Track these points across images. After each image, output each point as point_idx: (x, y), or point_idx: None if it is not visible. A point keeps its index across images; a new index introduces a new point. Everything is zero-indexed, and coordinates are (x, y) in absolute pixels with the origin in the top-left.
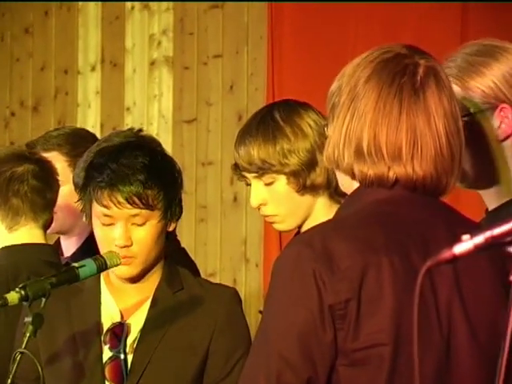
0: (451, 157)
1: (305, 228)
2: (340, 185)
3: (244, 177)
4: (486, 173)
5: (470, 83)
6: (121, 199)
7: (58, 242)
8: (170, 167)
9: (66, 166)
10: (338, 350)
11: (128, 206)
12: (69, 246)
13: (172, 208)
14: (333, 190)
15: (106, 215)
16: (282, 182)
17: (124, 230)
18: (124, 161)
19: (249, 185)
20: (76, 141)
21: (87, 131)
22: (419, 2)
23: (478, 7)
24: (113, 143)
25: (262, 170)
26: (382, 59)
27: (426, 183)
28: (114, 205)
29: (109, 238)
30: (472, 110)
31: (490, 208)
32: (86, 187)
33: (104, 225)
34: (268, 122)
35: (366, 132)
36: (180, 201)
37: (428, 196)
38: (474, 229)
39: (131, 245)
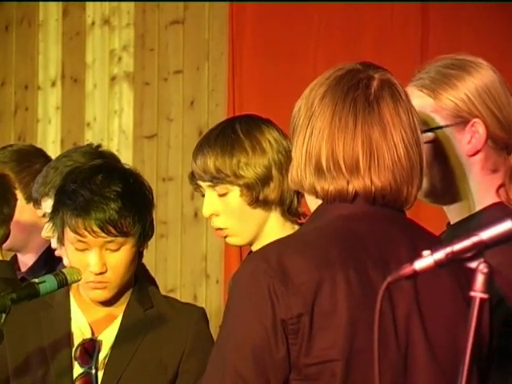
0: (410, 167)
1: (256, 245)
2: (309, 207)
3: (199, 186)
4: (452, 188)
5: (442, 95)
6: (95, 228)
7: (15, 257)
8: (143, 189)
9: (12, 178)
10: (292, 365)
11: (103, 234)
12: (27, 260)
13: (145, 231)
14: (286, 208)
15: (80, 242)
16: (235, 194)
17: (99, 257)
18: (97, 188)
19: (203, 195)
20: (20, 157)
21: (33, 147)
22: (379, 3)
23: (438, 10)
24: (74, 165)
25: (217, 179)
26: (335, 76)
27: (386, 194)
28: (89, 233)
29: (83, 264)
30: (443, 123)
31: (452, 222)
32: (57, 212)
33: (78, 250)
34: (228, 133)
35: (323, 148)
36: (152, 220)
37: (389, 208)
38: (434, 243)
39: (106, 271)
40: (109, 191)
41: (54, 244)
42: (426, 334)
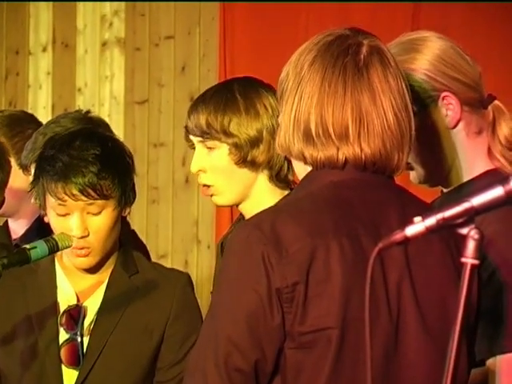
0: (400, 133)
1: (245, 207)
2: (296, 173)
3: (191, 141)
4: (447, 166)
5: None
6: (75, 191)
7: (6, 224)
8: (122, 153)
9: (5, 145)
10: (286, 333)
11: (83, 197)
12: (17, 228)
13: (126, 194)
14: (274, 174)
15: (60, 206)
16: (223, 151)
17: (80, 220)
18: (75, 153)
19: (193, 146)
20: (12, 123)
21: (24, 112)
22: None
23: (429, 11)
24: (62, 131)
25: (207, 134)
26: (325, 42)
27: (376, 161)
28: (69, 197)
29: (65, 229)
30: (416, 109)
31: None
32: (38, 179)
33: (59, 215)
34: (224, 92)
35: (312, 114)
36: (133, 185)
37: (379, 175)
38: (425, 209)
39: (88, 235)
40: (87, 155)
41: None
42: (417, 301)
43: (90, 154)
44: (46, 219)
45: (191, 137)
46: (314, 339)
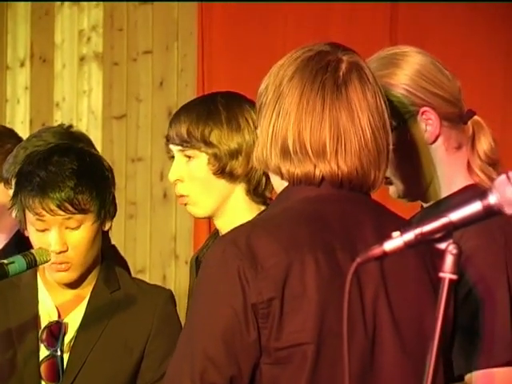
0: (377, 150)
1: (221, 221)
2: (274, 187)
3: (171, 151)
4: (426, 181)
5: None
6: (52, 206)
7: None
8: (100, 167)
9: None
10: (262, 349)
11: (60, 212)
12: None
13: (106, 208)
14: (252, 188)
15: (39, 221)
16: (202, 161)
17: (58, 235)
18: (52, 168)
19: (173, 157)
20: None
21: (4, 127)
22: (348, 3)
23: (407, 11)
24: (44, 145)
25: (187, 143)
26: (304, 57)
27: (352, 179)
28: (47, 212)
29: (44, 244)
30: (395, 124)
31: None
32: (17, 195)
33: (38, 230)
34: (208, 103)
35: (290, 130)
36: (113, 199)
37: (355, 192)
38: (401, 225)
39: (67, 250)
40: (64, 169)
41: None
42: (393, 316)
43: (67, 169)
44: (26, 233)
45: (171, 146)
46: (290, 355)
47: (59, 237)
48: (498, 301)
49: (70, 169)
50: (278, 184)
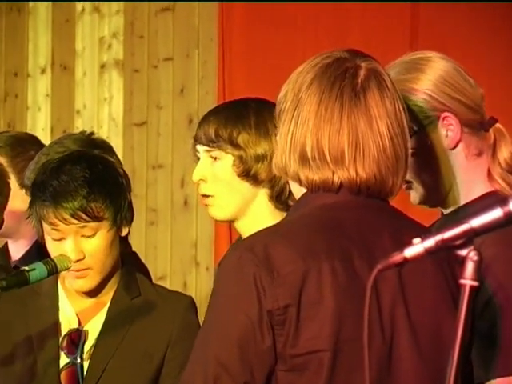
0: (396, 157)
1: (242, 225)
2: (293, 193)
3: (197, 152)
4: (446, 187)
5: (406, 103)
6: (66, 216)
7: (5, 246)
8: (113, 174)
9: (5, 167)
10: (278, 356)
11: (74, 221)
12: (17, 250)
13: (121, 214)
14: (275, 194)
15: (54, 230)
16: (227, 162)
17: (74, 244)
18: (64, 177)
19: (198, 159)
20: (16, 143)
21: (28, 134)
22: (368, 3)
23: (428, 11)
24: (65, 151)
25: (213, 143)
26: (323, 64)
27: (370, 185)
28: (61, 222)
29: (61, 253)
30: (416, 128)
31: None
32: (32, 206)
33: (54, 240)
34: (238, 107)
35: (309, 137)
36: (130, 204)
37: (373, 199)
38: (420, 232)
39: (84, 258)
40: (76, 178)
41: None
42: (410, 323)
43: (79, 177)
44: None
45: (197, 146)
46: (306, 361)
47: (75, 245)
48: None
49: (82, 177)
50: (297, 191)
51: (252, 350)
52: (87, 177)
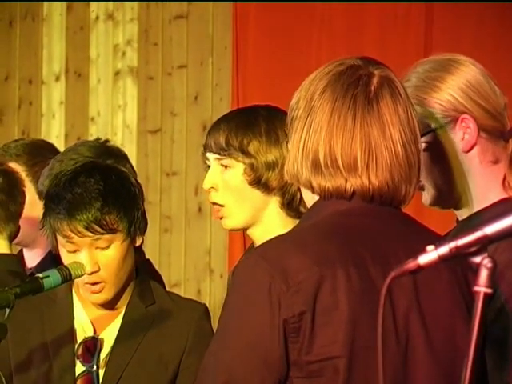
0: (408, 165)
1: (255, 233)
2: (305, 200)
3: (207, 160)
4: (458, 188)
5: (427, 100)
6: (80, 228)
7: (20, 254)
8: (126, 185)
9: (24, 175)
10: (293, 363)
11: (89, 233)
12: (32, 257)
13: (135, 225)
14: (286, 202)
15: (69, 243)
16: (238, 171)
17: (89, 256)
18: (78, 189)
19: (209, 167)
20: (34, 151)
21: (45, 141)
22: (383, 2)
23: (442, 10)
24: (76, 160)
25: (224, 152)
26: (336, 71)
27: (383, 193)
28: (75, 234)
29: None
30: (434, 126)
31: (461, 218)
32: (46, 218)
33: (69, 252)
34: (249, 114)
35: (321, 145)
36: (143, 214)
37: (386, 206)
38: (432, 239)
39: (99, 270)
40: (90, 190)
41: None
42: (425, 330)
43: (92, 190)
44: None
45: (208, 154)
46: (321, 368)
47: (90, 257)
48: None
49: (96, 189)
50: (309, 198)
51: (263, 358)
52: (101, 189)
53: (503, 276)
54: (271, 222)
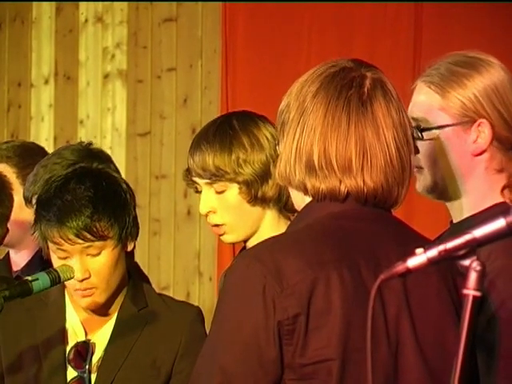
0: (402, 167)
1: (251, 242)
2: (294, 202)
3: (194, 183)
4: (455, 185)
5: (450, 93)
6: (71, 236)
7: (7, 256)
8: (117, 190)
9: (14, 177)
10: (287, 365)
11: (79, 241)
12: (19, 260)
13: (126, 231)
14: (282, 205)
15: (59, 250)
16: (233, 191)
17: (80, 263)
18: (68, 196)
19: (198, 192)
20: (24, 153)
21: (36, 144)
22: (372, 2)
23: (432, 10)
24: (60, 164)
25: (216, 177)
26: (328, 73)
27: (377, 195)
28: (65, 241)
29: None
30: (450, 121)
31: (455, 220)
32: (37, 225)
33: (60, 258)
34: (226, 129)
35: (315, 146)
36: (135, 219)
37: (379, 209)
38: (422, 242)
39: (89, 276)
40: (80, 198)
41: None
42: (415, 332)
43: (83, 197)
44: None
45: (196, 179)
46: (315, 371)
47: (80, 264)
48: None
49: (87, 196)
50: (300, 200)
51: (257, 360)
52: (91, 196)
53: (497, 281)
54: (269, 228)
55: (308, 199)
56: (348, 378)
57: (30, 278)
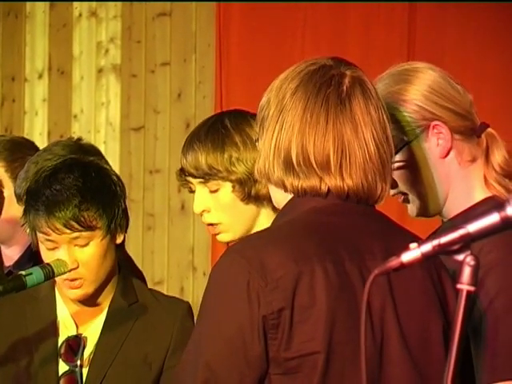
0: (382, 164)
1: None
2: (272, 198)
3: (188, 182)
4: (442, 193)
5: (395, 115)
6: (58, 225)
7: None
8: (107, 181)
9: (3, 171)
10: (272, 360)
11: (67, 230)
12: (11, 255)
13: (115, 222)
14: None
15: (48, 240)
16: (227, 190)
17: (68, 253)
18: (57, 186)
19: (192, 191)
20: (13, 147)
21: (25, 139)
22: (366, 2)
23: (425, 10)
24: (54, 158)
25: (209, 175)
26: (308, 71)
27: (358, 192)
28: (53, 231)
29: None
30: (407, 139)
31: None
32: (26, 215)
33: (48, 249)
34: (218, 128)
35: (294, 143)
36: (124, 211)
37: (362, 204)
38: (407, 238)
39: (77, 267)
40: (68, 187)
41: None
42: (400, 327)
43: (71, 187)
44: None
45: (190, 179)
46: (300, 364)
47: (68, 255)
48: None
49: (75, 186)
50: (279, 196)
51: (243, 356)
52: (80, 185)
53: (490, 274)
54: (265, 226)
55: (289, 196)
56: (332, 371)
57: (23, 272)
